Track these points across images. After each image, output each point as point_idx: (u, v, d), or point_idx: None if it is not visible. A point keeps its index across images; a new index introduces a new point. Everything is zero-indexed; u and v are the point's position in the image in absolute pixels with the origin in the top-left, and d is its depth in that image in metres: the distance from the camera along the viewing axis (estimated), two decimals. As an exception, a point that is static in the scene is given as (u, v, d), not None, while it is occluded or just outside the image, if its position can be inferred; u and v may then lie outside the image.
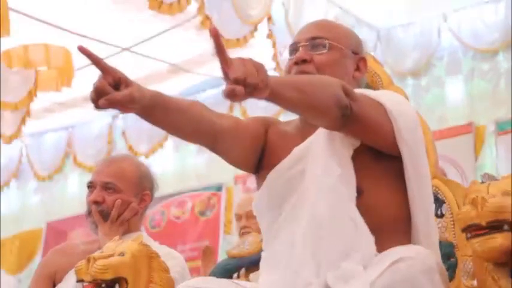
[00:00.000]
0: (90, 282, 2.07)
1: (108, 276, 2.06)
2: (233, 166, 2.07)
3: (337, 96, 1.76)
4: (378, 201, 1.90)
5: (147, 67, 6.70)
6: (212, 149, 1.95)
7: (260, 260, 2.02)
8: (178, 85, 7.22)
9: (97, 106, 1.60)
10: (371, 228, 1.81)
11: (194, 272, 4.63)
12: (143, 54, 6.58)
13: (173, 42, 6.37)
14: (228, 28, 5.56)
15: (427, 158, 2.01)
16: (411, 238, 1.93)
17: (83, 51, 1.62)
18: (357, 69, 2.10)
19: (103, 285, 2.07)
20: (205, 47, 6.29)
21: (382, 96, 1.94)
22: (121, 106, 1.62)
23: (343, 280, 1.72)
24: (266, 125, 2.07)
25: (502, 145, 6.01)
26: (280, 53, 5.86)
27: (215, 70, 6.87)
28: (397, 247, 1.78)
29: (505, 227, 1.75)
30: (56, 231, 8.52)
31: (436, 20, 6.51)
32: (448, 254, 2.18)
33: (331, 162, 1.87)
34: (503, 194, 1.78)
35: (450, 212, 2.24)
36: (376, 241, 1.81)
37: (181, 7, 5.24)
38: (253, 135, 2.02)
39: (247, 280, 2.73)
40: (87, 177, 5.93)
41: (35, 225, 8.78)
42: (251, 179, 6.50)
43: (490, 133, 6.16)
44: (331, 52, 2.04)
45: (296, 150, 1.96)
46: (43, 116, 7.86)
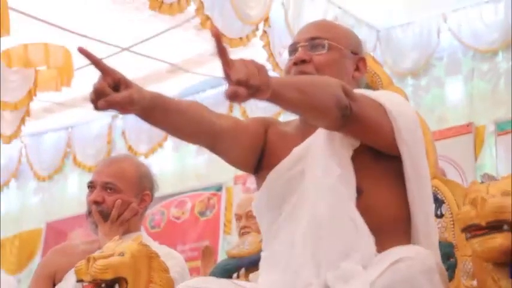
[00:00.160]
0: (90, 282, 2.07)
1: (108, 276, 2.06)
2: (233, 166, 2.07)
3: (337, 96, 1.76)
4: (378, 201, 1.90)
5: (147, 67, 6.70)
6: (212, 150, 1.95)
7: (260, 260, 2.02)
8: (177, 85, 7.22)
9: (96, 107, 1.60)
10: (371, 228, 1.81)
11: (194, 272, 4.64)
12: (143, 54, 6.58)
13: (173, 42, 6.37)
14: (231, 27, 5.56)
15: (427, 158, 2.01)
16: (411, 238, 1.93)
17: (83, 52, 1.63)
18: (357, 69, 2.10)
19: (103, 285, 2.07)
20: (204, 47, 6.29)
21: (381, 96, 1.94)
22: (120, 107, 1.62)
23: (343, 280, 1.72)
24: (266, 126, 2.07)
25: (502, 145, 6.01)
26: (279, 54, 5.87)
27: (215, 70, 6.89)
28: (397, 247, 1.78)
29: (505, 227, 1.75)
30: (56, 231, 8.53)
31: (436, 20, 6.51)
32: (448, 254, 2.18)
33: (331, 162, 1.87)
34: (502, 194, 1.78)
35: (450, 212, 2.24)
36: (376, 241, 1.81)
37: (181, 7, 5.25)
38: (252, 135, 2.02)
39: (247, 280, 2.73)
40: (86, 177, 5.94)
41: (35, 225, 8.79)
42: (251, 179, 6.50)
43: (490, 133, 6.16)
44: (330, 52, 2.04)
45: (296, 150, 1.96)
46: (43, 116, 7.86)
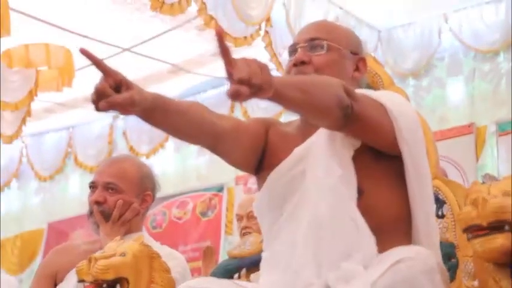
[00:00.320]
0: (91, 282, 2.07)
1: (109, 276, 2.06)
2: (234, 167, 2.07)
3: (338, 96, 1.76)
4: (379, 201, 1.90)
5: (148, 67, 6.70)
6: (213, 150, 1.96)
7: (261, 261, 2.02)
8: (178, 85, 7.22)
9: (97, 108, 1.60)
10: (371, 228, 1.81)
11: (196, 273, 4.64)
12: (144, 54, 6.58)
13: (174, 42, 6.37)
14: (234, 27, 5.57)
15: (428, 159, 2.01)
16: (412, 238, 1.93)
17: (84, 53, 1.63)
18: (357, 69, 2.10)
19: (104, 285, 2.07)
20: (205, 48, 6.30)
21: (382, 96, 1.94)
22: (121, 108, 1.62)
23: (344, 280, 1.72)
24: (266, 126, 2.07)
25: (503, 146, 6.01)
26: (279, 54, 5.88)
27: (216, 71, 6.90)
28: (398, 247, 1.78)
29: (506, 228, 1.75)
30: (57, 231, 8.53)
31: (437, 21, 6.51)
32: (449, 255, 2.18)
33: (332, 162, 1.87)
34: (504, 195, 1.78)
35: (451, 213, 2.24)
36: (376, 241, 1.81)
37: (182, 8, 5.24)
38: (253, 136, 2.02)
39: (248, 280, 2.73)
40: (88, 177, 5.95)
41: (36, 225, 8.79)
42: (252, 180, 6.50)
43: (491, 134, 6.16)
44: (329, 53, 2.05)
45: (297, 150, 1.96)
46: (44, 116, 7.87)
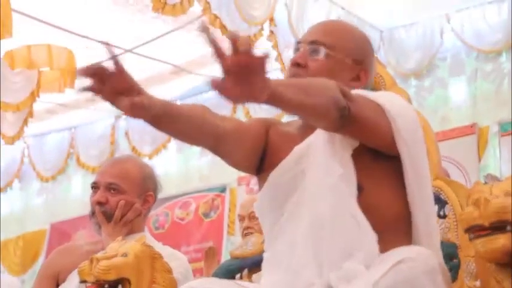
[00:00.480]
0: (93, 282, 2.07)
1: (111, 276, 2.06)
2: (235, 168, 2.07)
3: (334, 97, 1.75)
4: (379, 200, 1.90)
5: (150, 68, 6.71)
6: (214, 152, 1.95)
7: (263, 261, 2.02)
8: (180, 86, 7.23)
9: (94, 89, 1.61)
10: (372, 227, 1.81)
11: (198, 273, 4.64)
12: (146, 55, 6.59)
13: (176, 43, 6.38)
14: (237, 27, 5.57)
15: (430, 159, 2.01)
16: (412, 238, 1.93)
17: (109, 49, 1.64)
18: (357, 79, 2.05)
19: (106, 285, 2.07)
20: (207, 49, 6.26)
21: (380, 97, 1.94)
22: (130, 110, 1.62)
23: (345, 280, 1.72)
24: (267, 126, 2.07)
25: (505, 146, 6.01)
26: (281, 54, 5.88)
27: (218, 72, 6.89)
28: (399, 248, 1.78)
29: (508, 228, 1.75)
30: (60, 232, 8.53)
31: (439, 21, 6.51)
32: (451, 255, 2.17)
33: (332, 161, 1.87)
34: (506, 195, 1.78)
35: (453, 213, 2.23)
36: (378, 240, 1.80)
37: (184, 8, 5.25)
38: (254, 136, 2.02)
39: (250, 281, 2.73)
40: (90, 178, 5.95)
41: (39, 226, 8.80)
42: (254, 180, 6.50)
43: (493, 134, 6.16)
44: (325, 60, 2.01)
45: (296, 149, 1.96)
46: (46, 117, 7.87)
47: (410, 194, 1.93)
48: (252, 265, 2.82)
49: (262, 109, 6.40)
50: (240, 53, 1.51)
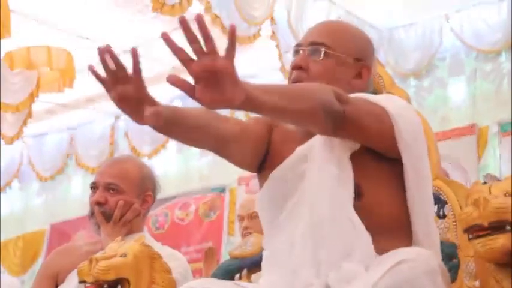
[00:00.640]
0: (92, 283, 2.07)
1: (110, 277, 2.06)
2: (238, 167, 2.07)
3: (323, 100, 1.73)
4: (378, 201, 1.90)
5: (149, 69, 6.69)
6: (217, 153, 1.96)
7: (262, 260, 2.02)
8: (180, 87, 7.21)
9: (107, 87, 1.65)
10: (372, 228, 1.81)
11: (198, 274, 4.64)
12: (145, 55, 6.58)
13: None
14: (238, 27, 5.58)
15: (430, 159, 2.01)
16: (412, 239, 1.93)
17: (133, 53, 1.68)
18: (359, 76, 2.05)
19: (105, 286, 2.06)
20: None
21: (382, 100, 1.93)
22: (156, 120, 1.64)
23: (344, 281, 1.72)
24: (269, 126, 2.07)
25: (505, 146, 6.01)
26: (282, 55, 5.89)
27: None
28: (399, 249, 1.78)
29: (507, 228, 1.75)
30: (60, 232, 8.53)
31: (438, 21, 6.50)
32: (451, 255, 2.17)
33: (329, 163, 1.87)
34: (505, 195, 1.78)
35: (452, 213, 2.24)
36: (377, 242, 1.80)
37: (183, 8, 5.25)
38: (257, 136, 2.02)
39: (249, 281, 2.73)
40: (89, 178, 5.95)
41: (38, 226, 8.79)
42: (254, 181, 6.50)
43: (493, 134, 6.15)
44: (326, 60, 2.00)
45: (298, 150, 1.96)
46: (45, 117, 7.87)
47: (409, 196, 1.92)
48: (251, 265, 2.82)
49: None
50: (203, 58, 1.49)
